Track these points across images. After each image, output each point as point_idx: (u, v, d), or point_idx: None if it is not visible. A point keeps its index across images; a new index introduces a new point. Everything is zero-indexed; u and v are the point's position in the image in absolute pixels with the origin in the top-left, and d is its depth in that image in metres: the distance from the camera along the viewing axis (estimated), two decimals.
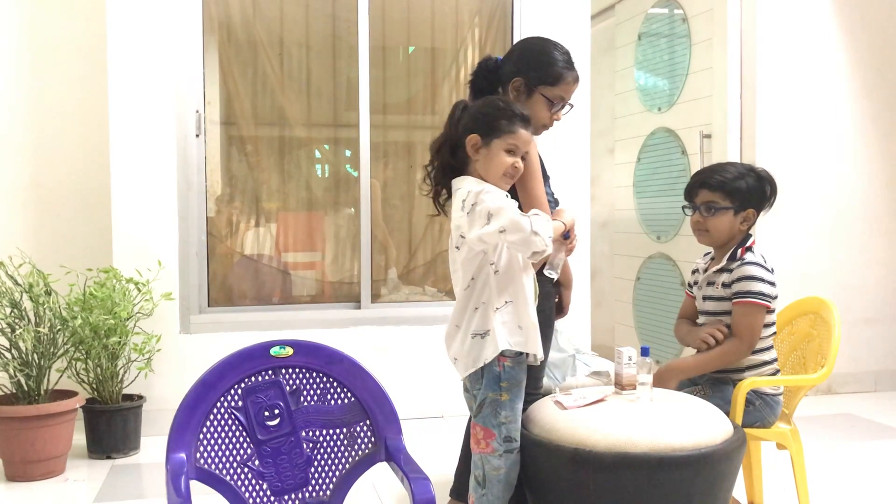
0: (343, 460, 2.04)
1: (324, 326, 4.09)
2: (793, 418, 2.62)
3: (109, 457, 3.55)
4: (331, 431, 2.03)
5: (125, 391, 3.65)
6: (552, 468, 2.09)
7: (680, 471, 1.99)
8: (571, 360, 2.54)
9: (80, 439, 3.58)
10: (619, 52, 5.47)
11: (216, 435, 1.94)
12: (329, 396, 2.04)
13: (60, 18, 4.05)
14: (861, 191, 4.71)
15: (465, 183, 2.12)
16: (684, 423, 2.07)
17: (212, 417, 1.94)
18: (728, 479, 2.12)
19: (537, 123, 2.38)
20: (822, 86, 4.62)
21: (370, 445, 2.05)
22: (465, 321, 2.12)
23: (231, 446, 1.95)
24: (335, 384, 2.05)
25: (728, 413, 2.34)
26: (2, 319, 3.31)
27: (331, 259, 4.59)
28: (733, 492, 2.22)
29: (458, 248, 2.12)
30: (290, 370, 2.03)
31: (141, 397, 3.68)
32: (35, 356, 3.31)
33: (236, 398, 1.97)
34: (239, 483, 1.95)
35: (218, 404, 1.95)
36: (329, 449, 2.03)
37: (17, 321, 3.31)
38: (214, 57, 4.30)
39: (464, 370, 2.14)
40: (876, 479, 3.25)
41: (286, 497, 1.98)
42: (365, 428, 2.05)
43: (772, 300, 2.47)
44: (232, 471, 1.94)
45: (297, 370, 2.03)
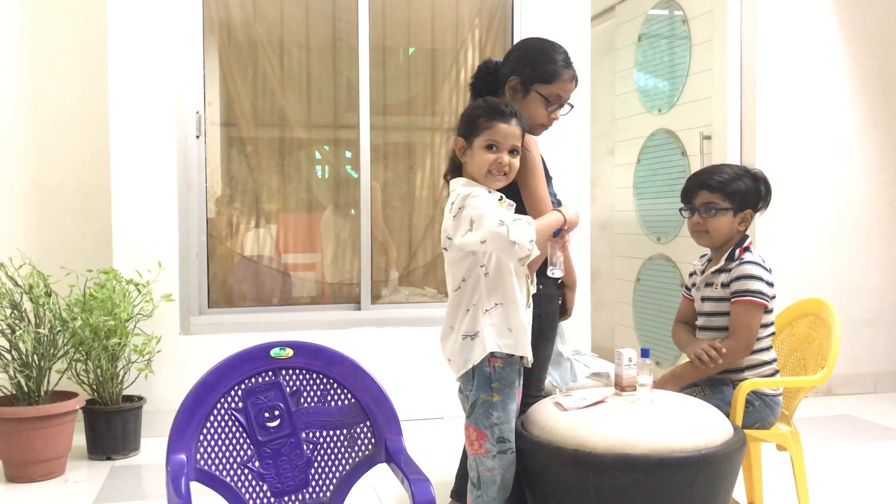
0: (343, 461, 2.04)
1: (324, 328, 4.09)
2: (793, 420, 2.62)
3: (109, 458, 3.55)
4: (331, 433, 2.03)
5: (125, 392, 3.65)
6: (552, 469, 2.09)
7: (680, 472, 1.99)
8: (570, 364, 2.54)
9: (80, 440, 3.58)
10: (620, 54, 5.47)
11: (216, 436, 1.94)
12: (329, 398, 2.04)
13: (60, 19, 4.05)
14: (861, 192, 4.71)
15: (457, 184, 2.15)
16: (684, 425, 2.07)
17: (212, 419, 1.94)
18: (728, 481, 2.12)
19: (535, 123, 2.38)
20: (822, 87, 4.62)
21: (370, 447, 2.05)
22: (458, 322, 2.14)
23: (231, 447, 1.95)
24: (335, 385, 2.05)
25: (728, 414, 2.34)
26: (2, 320, 3.31)
27: (331, 260, 4.59)
28: (733, 493, 2.23)
29: (447, 250, 2.14)
30: (291, 371, 2.03)
31: (141, 398, 3.68)
32: (35, 357, 3.31)
33: (236, 399, 1.97)
34: (239, 484, 1.95)
35: (218, 405, 1.95)
36: (329, 450, 2.03)
37: (18, 322, 3.31)
38: (215, 58, 4.30)
39: (456, 371, 2.16)
40: (876, 481, 3.25)
41: (286, 498, 1.98)
42: (365, 429, 2.05)
43: (769, 300, 2.48)
44: (232, 472, 1.94)
45: (298, 371, 2.03)
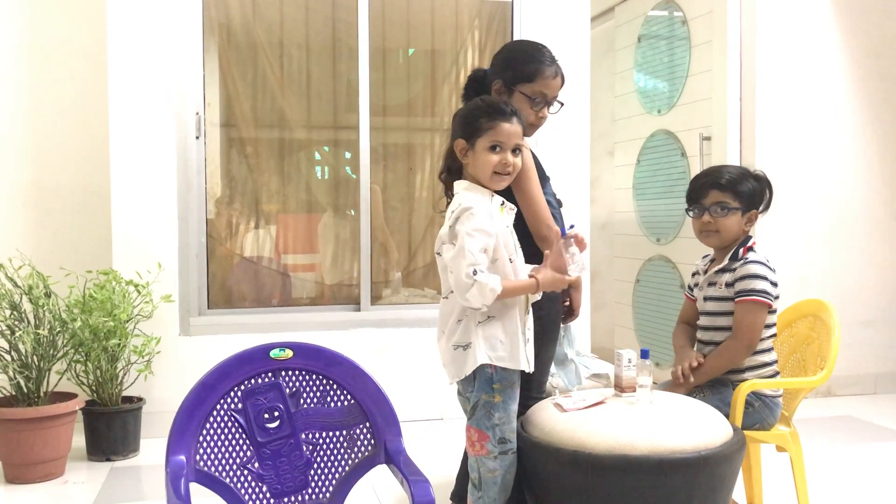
0: (343, 462, 2.04)
1: (323, 328, 4.09)
2: (792, 420, 2.62)
3: (109, 459, 3.54)
4: (330, 434, 2.03)
5: (125, 393, 3.65)
6: (552, 470, 2.09)
7: (680, 473, 1.99)
8: (574, 366, 2.54)
9: (80, 441, 3.58)
10: (619, 55, 5.47)
11: (216, 437, 1.94)
12: (329, 399, 2.04)
13: (60, 19, 4.05)
14: (860, 193, 4.71)
15: (462, 191, 2.13)
16: (684, 426, 2.07)
17: (211, 420, 1.94)
18: (728, 482, 2.12)
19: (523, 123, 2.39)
20: (822, 88, 4.63)
21: (370, 448, 2.05)
22: (448, 331, 2.13)
23: (231, 448, 1.95)
24: (335, 386, 2.05)
25: (727, 415, 2.34)
26: (2, 321, 3.31)
27: (330, 261, 4.59)
28: (733, 494, 2.23)
29: (440, 255, 2.13)
30: (290, 372, 2.03)
31: (140, 399, 3.68)
32: (35, 358, 3.31)
33: (236, 400, 1.97)
34: (238, 485, 1.95)
35: (218, 406, 1.95)
36: (329, 451, 2.03)
37: (17, 323, 3.31)
38: (214, 59, 4.30)
39: (451, 377, 2.16)
40: (876, 482, 3.25)
41: (286, 499, 1.98)
42: (364, 430, 2.05)
43: (774, 300, 2.48)
44: (231, 473, 1.94)
45: (297, 372, 2.03)
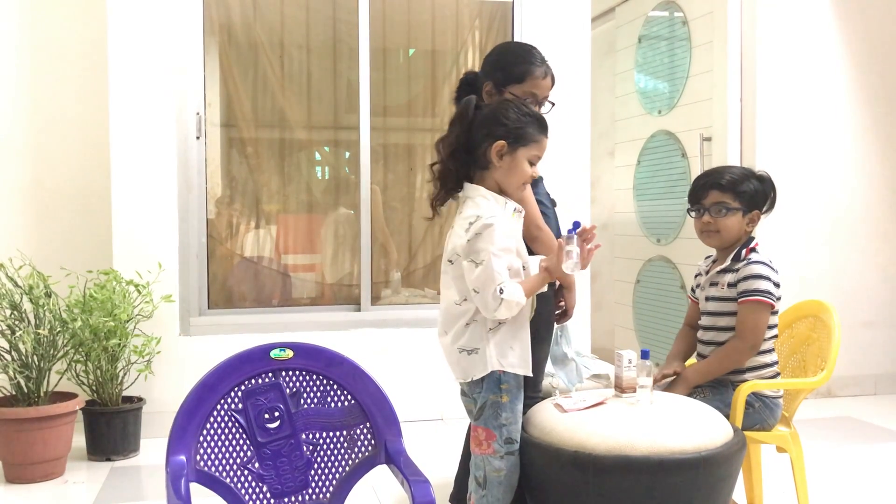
0: (343, 463, 2.04)
1: (324, 329, 4.09)
2: (793, 421, 2.62)
3: (109, 459, 3.54)
4: (331, 434, 2.03)
5: (125, 393, 3.65)
6: (552, 471, 2.09)
7: (680, 474, 1.99)
8: (575, 365, 2.54)
9: (80, 441, 3.58)
10: (620, 55, 5.47)
11: (216, 437, 1.94)
12: (329, 399, 2.04)
13: (61, 19, 4.05)
14: (861, 194, 4.71)
15: (479, 198, 2.09)
16: (684, 426, 2.07)
17: (212, 420, 1.94)
18: (728, 482, 2.12)
19: None
20: (822, 89, 4.63)
21: (370, 448, 2.05)
22: (454, 333, 2.11)
23: (231, 449, 1.95)
24: (335, 387, 2.05)
25: (728, 416, 2.34)
26: (2, 321, 3.31)
27: (330, 261, 4.59)
28: (733, 495, 2.22)
29: (452, 262, 2.11)
30: (290, 372, 2.03)
31: (141, 399, 3.68)
32: (35, 358, 3.31)
33: (236, 400, 1.97)
34: (239, 485, 1.95)
35: (218, 406, 1.95)
36: (329, 451, 2.03)
37: (17, 323, 3.31)
38: (215, 59, 4.30)
39: (454, 376, 2.16)
40: (876, 483, 3.25)
41: (286, 499, 1.98)
42: (365, 430, 2.05)
43: (776, 300, 2.48)
44: (232, 473, 1.94)
45: (297, 372, 2.03)
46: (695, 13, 4.74)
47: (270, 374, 2.01)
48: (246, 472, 1.96)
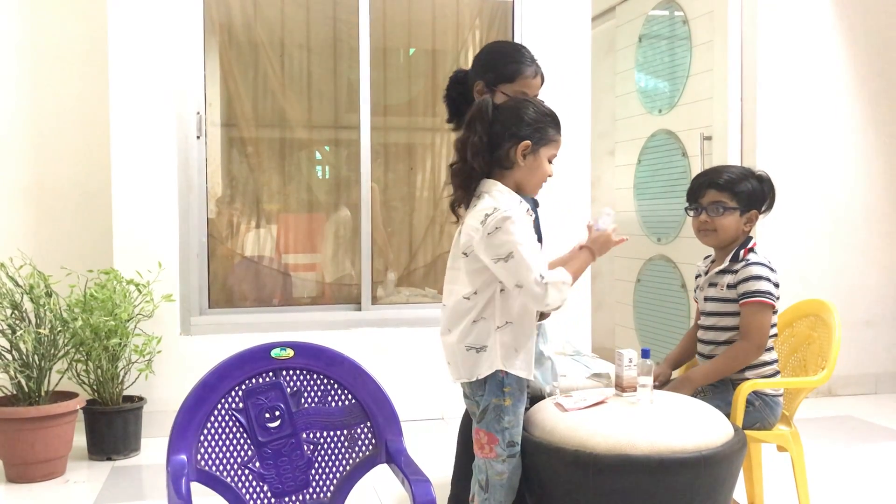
0: (344, 462, 2.04)
1: (324, 328, 4.09)
2: (793, 420, 2.62)
3: (110, 458, 3.55)
4: (331, 433, 2.03)
5: (126, 393, 3.65)
6: (553, 470, 2.09)
7: (681, 473, 1.99)
8: (550, 363, 2.53)
9: (81, 441, 3.58)
10: (620, 54, 5.47)
11: (217, 437, 1.94)
12: (329, 398, 2.04)
13: (61, 19, 4.05)
14: (861, 193, 4.71)
15: (495, 191, 2.07)
16: (685, 426, 2.07)
17: (212, 419, 1.94)
18: (729, 481, 2.12)
19: None
20: (823, 88, 4.62)
21: (371, 447, 2.05)
22: (461, 330, 2.08)
23: (232, 448, 1.95)
24: (336, 386, 2.05)
25: (728, 414, 2.34)
26: (2, 321, 3.31)
27: (331, 261, 4.59)
28: (734, 494, 2.22)
29: (466, 255, 2.07)
30: (291, 372, 2.03)
31: (141, 399, 3.68)
32: (35, 357, 3.31)
33: (237, 400, 1.97)
34: (239, 485, 1.95)
35: (218, 406, 1.95)
36: (330, 451, 2.03)
37: (18, 322, 3.32)
38: (215, 58, 4.30)
39: (456, 377, 2.13)
40: (876, 482, 3.25)
41: (287, 499, 1.98)
42: (365, 430, 2.05)
43: (776, 300, 2.48)
44: (233, 472, 1.95)
45: (298, 372, 2.03)
46: (695, 12, 4.73)
47: (271, 374, 2.01)
48: (246, 472, 1.96)
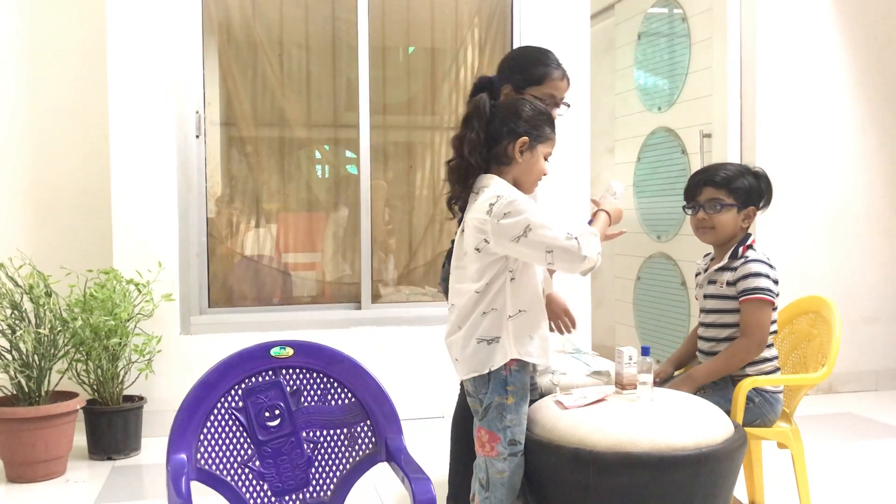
0: (344, 461, 2.04)
1: (324, 327, 4.09)
2: (793, 417, 2.62)
3: (110, 458, 3.55)
4: (331, 432, 2.03)
5: (126, 392, 3.65)
6: (553, 468, 2.09)
7: (681, 470, 1.99)
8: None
9: (81, 440, 3.59)
10: (619, 52, 5.47)
11: (217, 436, 1.94)
12: (329, 397, 2.04)
13: (60, 19, 4.05)
14: (861, 190, 4.71)
15: (494, 184, 2.07)
16: (685, 423, 2.07)
17: (212, 418, 1.94)
18: (729, 479, 2.12)
19: None
20: (822, 85, 4.62)
21: (371, 446, 2.05)
22: (470, 324, 2.08)
23: (232, 447, 1.95)
24: (335, 385, 2.05)
25: (728, 412, 2.34)
26: (2, 321, 3.31)
27: (331, 260, 4.59)
28: (734, 491, 2.22)
29: (479, 251, 2.05)
30: (291, 371, 2.03)
31: (141, 398, 3.69)
32: (35, 357, 3.31)
33: (237, 399, 1.97)
34: (239, 484, 1.95)
35: (218, 405, 1.95)
36: (330, 449, 2.03)
37: (18, 322, 3.31)
38: (214, 58, 4.30)
39: (465, 373, 2.12)
40: (877, 479, 3.25)
41: (287, 497, 1.98)
42: (365, 428, 2.05)
43: (775, 297, 2.48)
44: (232, 471, 1.95)
45: (298, 371, 2.03)
46: (694, 9, 4.73)
47: (271, 373, 2.01)
48: (246, 471, 1.96)
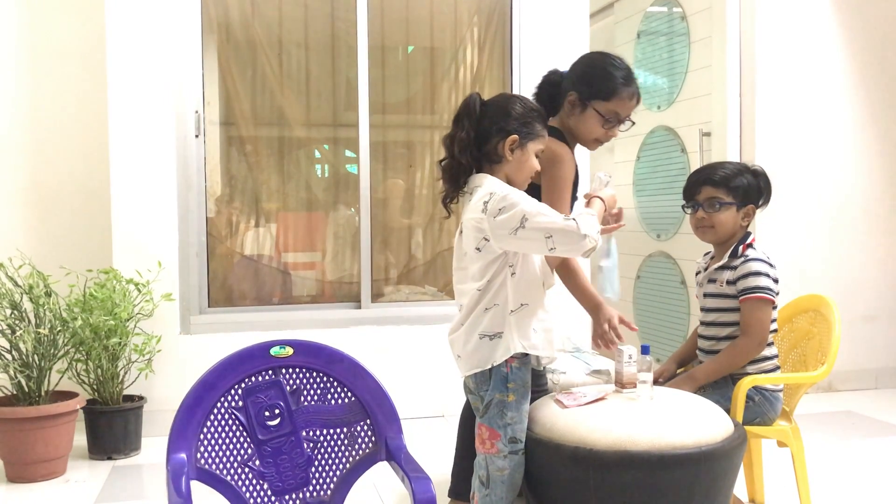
0: (344, 460, 2.04)
1: (324, 326, 4.08)
2: (793, 416, 2.62)
3: (110, 457, 3.55)
4: (331, 431, 2.03)
5: (126, 392, 3.65)
6: (552, 467, 2.09)
7: (681, 469, 1.99)
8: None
9: (81, 440, 3.59)
10: (619, 51, 5.46)
11: (217, 435, 1.94)
12: (329, 396, 2.04)
13: (60, 19, 4.05)
14: (860, 188, 4.71)
15: (487, 182, 2.09)
16: (685, 421, 2.07)
17: (212, 418, 1.94)
18: (729, 477, 2.12)
19: (589, 138, 2.45)
20: (822, 83, 4.62)
21: (371, 445, 2.05)
22: (472, 320, 2.09)
23: (231, 446, 1.95)
24: (335, 384, 2.05)
25: (728, 410, 2.34)
26: (2, 321, 3.31)
27: (330, 259, 4.59)
28: (734, 489, 2.23)
29: (480, 250, 2.06)
30: (291, 370, 2.03)
31: (141, 398, 3.69)
32: (35, 357, 3.31)
33: (237, 398, 1.97)
34: (239, 483, 1.95)
35: (218, 404, 1.95)
36: (329, 448, 2.03)
37: (18, 322, 3.31)
38: (213, 57, 4.30)
39: (467, 369, 2.12)
40: (876, 477, 3.25)
41: (287, 497, 1.99)
42: (365, 427, 2.05)
43: (775, 295, 2.48)
44: (232, 471, 1.95)
45: (298, 370, 2.03)
46: (694, 8, 4.73)
47: (270, 372, 2.01)
48: (246, 470, 1.96)
